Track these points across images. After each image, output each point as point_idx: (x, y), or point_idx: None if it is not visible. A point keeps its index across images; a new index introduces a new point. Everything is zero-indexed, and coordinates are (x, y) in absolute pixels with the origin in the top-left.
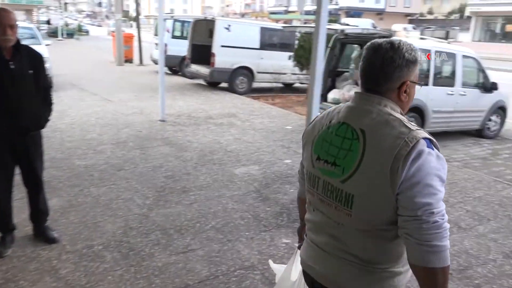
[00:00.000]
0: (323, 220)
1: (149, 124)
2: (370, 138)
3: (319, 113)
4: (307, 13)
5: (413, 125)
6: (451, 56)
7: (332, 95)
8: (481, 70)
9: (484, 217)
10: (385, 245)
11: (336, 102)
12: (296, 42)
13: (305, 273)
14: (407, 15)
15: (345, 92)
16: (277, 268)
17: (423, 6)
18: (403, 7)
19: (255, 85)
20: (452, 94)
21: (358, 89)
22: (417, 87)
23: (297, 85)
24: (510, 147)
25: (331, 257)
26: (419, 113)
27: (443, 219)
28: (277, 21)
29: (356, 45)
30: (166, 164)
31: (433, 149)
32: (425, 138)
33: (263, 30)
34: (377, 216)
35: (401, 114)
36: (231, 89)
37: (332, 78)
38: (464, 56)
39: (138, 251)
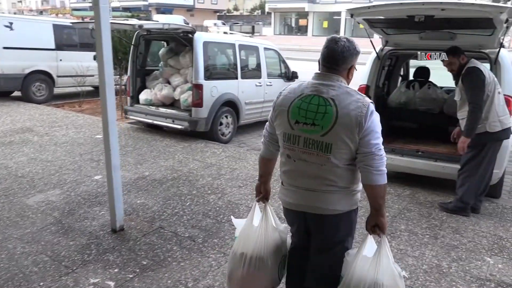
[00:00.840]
0: (306, 166)
1: None
2: (339, 103)
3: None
4: (115, 9)
5: (361, 94)
6: (255, 49)
7: (144, 96)
8: (282, 61)
9: None
10: (351, 173)
11: (149, 103)
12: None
13: (291, 213)
14: (216, 11)
15: (157, 92)
16: (238, 222)
17: (229, 3)
18: (211, 3)
19: (58, 90)
20: (260, 86)
21: (170, 87)
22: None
23: None
24: None
25: (317, 192)
26: (232, 107)
27: (383, 153)
28: (82, 18)
29: (162, 42)
30: None
31: (374, 109)
32: (371, 102)
33: (57, 27)
34: (347, 155)
35: None
36: (26, 98)
37: (141, 78)
38: (266, 49)
39: None
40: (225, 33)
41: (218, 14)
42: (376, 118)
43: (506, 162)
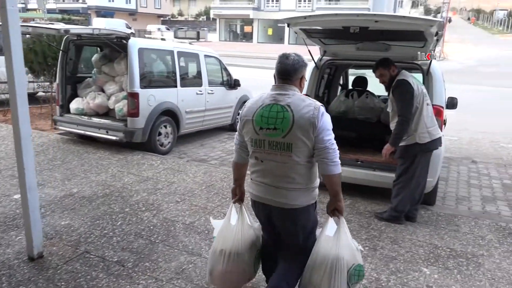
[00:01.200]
0: (272, 165)
1: None
2: (294, 109)
3: None
4: (50, 11)
5: (312, 99)
6: (195, 56)
7: (75, 105)
8: (224, 68)
9: None
10: (310, 171)
11: (81, 112)
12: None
13: (258, 204)
14: (160, 16)
15: (90, 101)
16: (216, 223)
17: (173, 8)
18: (154, 8)
19: None
20: (201, 94)
21: (104, 96)
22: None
23: (42, 93)
24: None
25: (280, 189)
26: (172, 116)
27: (336, 147)
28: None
29: (95, 47)
30: None
31: (325, 110)
32: (321, 105)
33: None
34: (306, 152)
35: None
36: None
37: (72, 86)
38: (207, 56)
39: None
40: (162, 39)
41: (162, 19)
42: (326, 118)
43: (439, 171)
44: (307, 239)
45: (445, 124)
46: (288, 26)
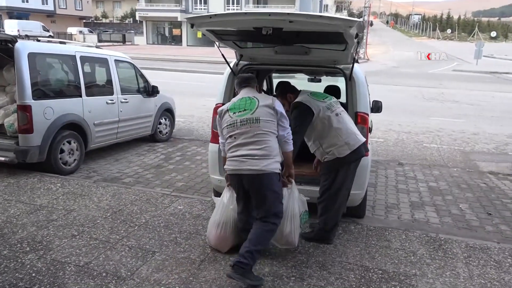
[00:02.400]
0: (243, 138)
1: None
2: (259, 99)
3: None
4: None
5: (269, 95)
6: (103, 61)
7: None
8: (140, 74)
9: (149, 250)
10: (274, 143)
11: None
12: None
13: (233, 177)
14: (82, 18)
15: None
16: (216, 199)
17: (96, 10)
18: (75, 9)
19: None
20: (113, 103)
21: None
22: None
23: None
24: (181, 147)
25: (251, 157)
26: (77, 130)
27: (290, 130)
28: None
29: None
30: None
31: (278, 101)
32: (274, 96)
33: None
34: (272, 125)
35: None
36: None
37: None
38: (117, 61)
39: None
40: (62, 42)
41: (84, 21)
42: (281, 107)
43: (367, 182)
44: (274, 202)
45: (371, 130)
46: (192, 27)
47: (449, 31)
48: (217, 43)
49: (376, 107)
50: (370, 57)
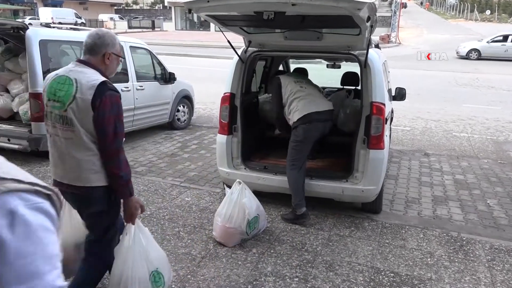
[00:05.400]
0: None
1: None
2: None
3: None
4: None
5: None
6: None
7: None
8: (157, 61)
9: None
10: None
11: None
12: None
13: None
14: (113, 4)
15: None
16: (227, 189)
17: None
18: None
19: None
20: (128, 90)
21: (8, 96)
22: None
23: None
24: (199, 135)
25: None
26: None
27: None
28: None
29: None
30: None
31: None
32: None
33: None
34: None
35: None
36: None
37: None
38: (133, 47)
39: None
40: (74, 29)
41: (115, 7)
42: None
43: (382, 177)
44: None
45: (391, 120)
46: (189, 12)
47: (488, 12)
48: (221, 28)
49: (400, 94)
50: (402, 41)
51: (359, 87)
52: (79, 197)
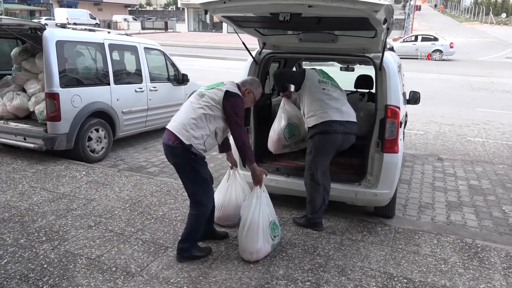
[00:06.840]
0: None
1: None
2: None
3: None
4: (7, 1)
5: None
6: (132, 49)
7: None
8: (170, 62)
9: (162, 245)
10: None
11: None
12: None
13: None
14: (127, 6)
15: (7, 102)
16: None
17: None
18: None
19: None
20: (142, 91)
21: (25, 96)
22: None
23: None
24: None
25: None
26: (105, 118)
27: None
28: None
29: (15, 40)
30: None
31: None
32: None
33: None
34: None
35: None
36: None
37: None
38: (147, 49)
39: None
40: (90, 30)
41: (129, 9)
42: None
43: (396, 181)
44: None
45: (405, 124)
46: (206, 13)
47: (504, 15)
48: (236, 29)
49: (414, 98)
50: None
51: (373, 90)
52: None
